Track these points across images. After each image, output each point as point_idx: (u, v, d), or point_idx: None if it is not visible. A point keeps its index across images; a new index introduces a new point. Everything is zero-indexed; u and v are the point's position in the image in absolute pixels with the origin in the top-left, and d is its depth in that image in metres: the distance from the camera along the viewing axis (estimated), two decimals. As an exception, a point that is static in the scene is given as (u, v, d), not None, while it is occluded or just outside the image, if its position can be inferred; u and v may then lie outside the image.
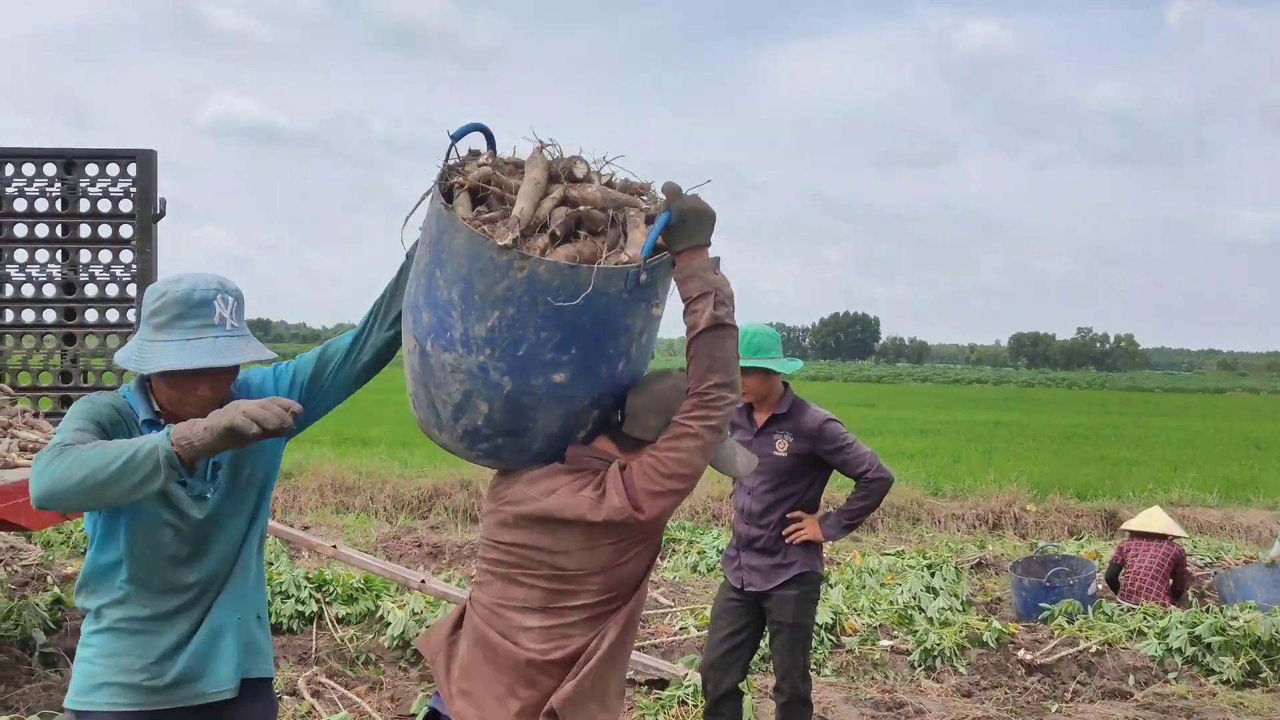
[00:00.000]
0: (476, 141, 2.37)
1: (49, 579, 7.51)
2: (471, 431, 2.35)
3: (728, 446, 2.41)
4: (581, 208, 2.22)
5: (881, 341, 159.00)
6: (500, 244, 2.09)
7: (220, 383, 2.33)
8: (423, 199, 2.32)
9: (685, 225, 2.18)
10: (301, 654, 5.97)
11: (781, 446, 4.18)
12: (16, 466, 5.32)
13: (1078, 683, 5.95)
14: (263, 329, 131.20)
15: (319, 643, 6.11)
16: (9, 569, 7.68)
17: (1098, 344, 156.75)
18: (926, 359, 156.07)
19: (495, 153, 2.36)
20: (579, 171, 2.28)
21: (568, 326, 2.17)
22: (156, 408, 2.37)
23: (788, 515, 4.22)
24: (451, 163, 2.31)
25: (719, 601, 4.45)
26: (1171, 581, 7.45)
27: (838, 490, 7.31)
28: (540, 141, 2.30)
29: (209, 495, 2.36)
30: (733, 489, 4.52)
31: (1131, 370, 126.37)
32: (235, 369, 2.36)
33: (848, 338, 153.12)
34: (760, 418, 4.26)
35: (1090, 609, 6.90)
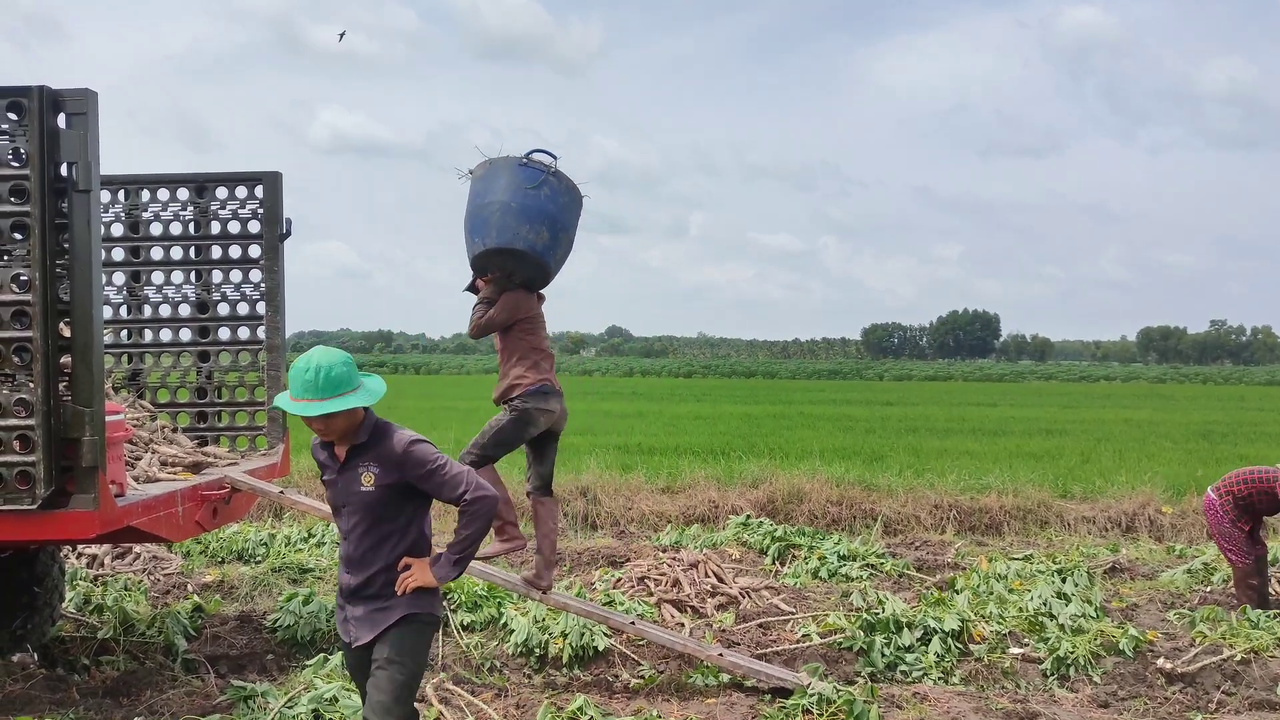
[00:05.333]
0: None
1: (189, 587, 7.82)
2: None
3: None
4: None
5: (1002, 339, 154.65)
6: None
7: None
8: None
9: None
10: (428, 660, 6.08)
11: (367, 480, 3.68)
12: (158, 480, 5.54)
13: (1223, 693, 5.67)
14: (385, 340, 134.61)
15: (445, 650, 6.22)
16: (152, 578, 8.03)
17: (1233, 336, 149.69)
18: (1050, 356, 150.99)
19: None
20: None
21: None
22: None
23: (397, 564, 3.72)
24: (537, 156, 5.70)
25: (345, 661, 4.03)
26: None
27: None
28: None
29: None
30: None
31: (1271, 363, 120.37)
32: None
33: (967, 336, 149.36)
34: (341, 451, 3.74)
35: None
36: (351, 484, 3.70)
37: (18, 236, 4.27)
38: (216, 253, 6.66)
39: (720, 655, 5.68)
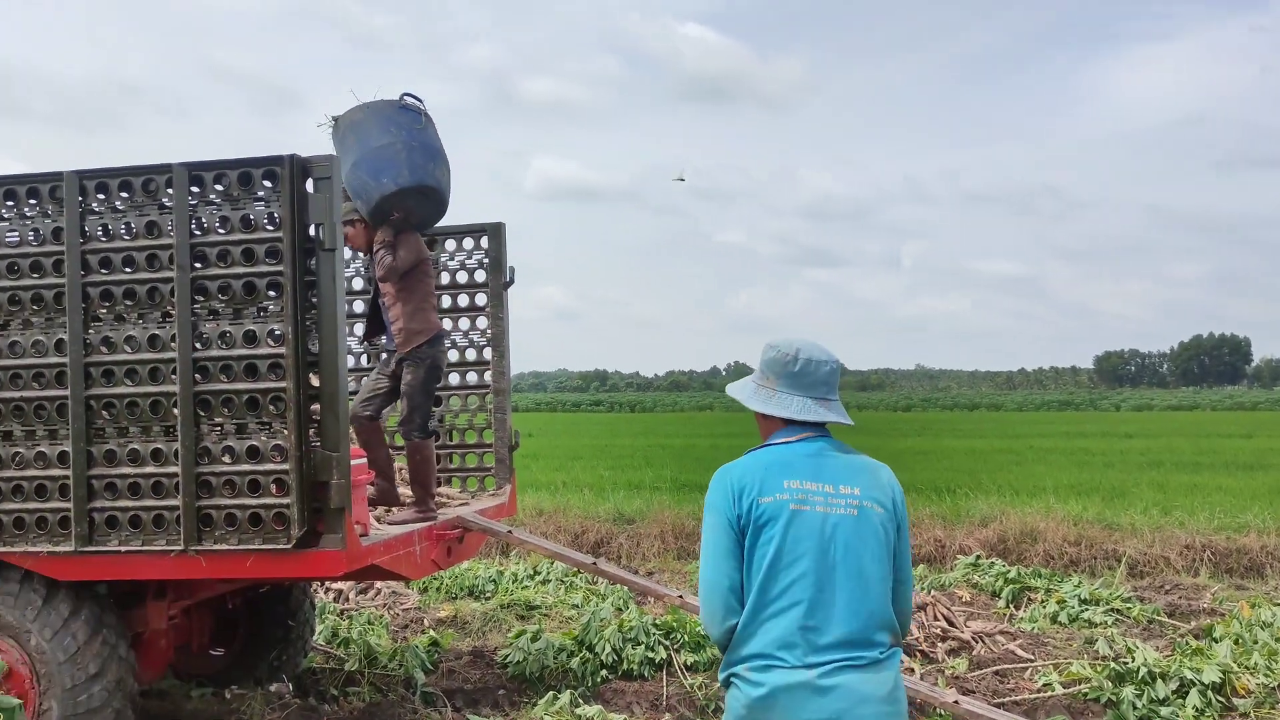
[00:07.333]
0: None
1: (425, 622, 8.16)
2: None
3: None
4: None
5: (1254, 364, 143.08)
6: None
7: None
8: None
9: None
10: (653, 700, 6.10)
11: None
12: (396, 523, 5.81)
13: None
14: (600, 380, 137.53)
15: (669, 689, 6.22)
16: (392, 613, 8.42)
17: None
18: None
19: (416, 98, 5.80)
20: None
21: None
22: None
23: None
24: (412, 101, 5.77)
25: None
26: None
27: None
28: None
29: None
30: None
31: None
32: None
33: (1213, 361, 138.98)
34: None
35: None
36: None
37: (273, 294, 4.60)
38: (446, 302, 6.99)
39: (956, 703, 5.43)
